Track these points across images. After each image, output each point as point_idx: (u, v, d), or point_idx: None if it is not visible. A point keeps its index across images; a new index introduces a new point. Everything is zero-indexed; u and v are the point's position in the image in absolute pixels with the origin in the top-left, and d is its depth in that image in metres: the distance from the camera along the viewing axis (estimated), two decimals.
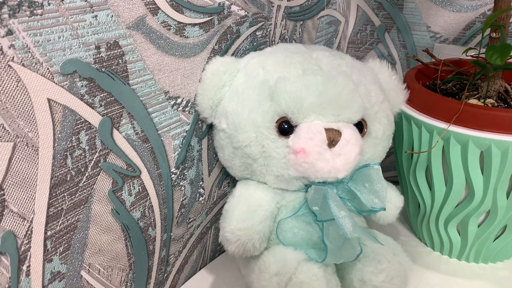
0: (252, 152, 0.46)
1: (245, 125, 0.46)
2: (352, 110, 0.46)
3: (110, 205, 0.42)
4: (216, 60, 0.49)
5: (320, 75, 0.46)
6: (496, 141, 0.46)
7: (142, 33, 0.41)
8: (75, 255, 0.40)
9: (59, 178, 0.37)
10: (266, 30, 0.58)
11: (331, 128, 0.44)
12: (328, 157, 0.44)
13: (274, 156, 0.46)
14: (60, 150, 0.36)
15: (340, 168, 0.45)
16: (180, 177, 0.50)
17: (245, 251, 0.46)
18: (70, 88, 0.36)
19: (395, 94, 0.53)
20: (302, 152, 0.44)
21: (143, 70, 0.42)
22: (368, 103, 0.48)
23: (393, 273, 0.45)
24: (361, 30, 0.82)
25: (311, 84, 0.45)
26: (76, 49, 0.36)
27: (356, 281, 0.45)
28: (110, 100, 0.39)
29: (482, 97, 0.52)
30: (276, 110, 0.45)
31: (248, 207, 0.47)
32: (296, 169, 0.46)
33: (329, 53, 0.50)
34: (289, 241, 0.47)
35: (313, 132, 0.44)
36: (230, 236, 0.46)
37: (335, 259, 0.44)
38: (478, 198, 0.50)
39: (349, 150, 0.45)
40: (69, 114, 0.36)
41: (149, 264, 0.48)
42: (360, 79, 0.48)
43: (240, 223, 0.46)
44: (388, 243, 0.48)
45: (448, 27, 0.74)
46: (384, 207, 0.47)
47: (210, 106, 0.49)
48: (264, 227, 0.46)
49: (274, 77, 0.46)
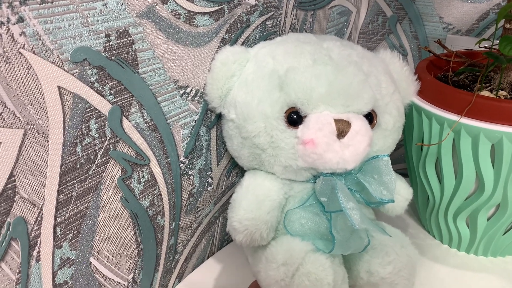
0: (261, 142, 0.46)
1: (254, 115, 0.46)
2: (362, 101, 0.45)
3: (119, 193, 0.42)
4: (225, 50, 0.48)
5: (330, 65, 0.46)
6: (508, 134, 0.45)
7: (152, 22, 0.41)
8: (84, 242, 0.40)
9: (69, 165, 0.37)
10: (276, 19, 0.58)
11: (340, 119, 0.44)
12: (337, 148, 0.44)
13: (282, 146, 0.46)
14: (70, 138, 0.36)
15: (349, 159, 0.44)
16: (189, 166, 0.50)
17: (253, 241, 0.46)
18: (80, 76, 0.36)
19: (406, 85, 0.52)
20: (311, 143, 0.44)
21: (152, 59, 0.42)
22: (378, 94, 0.47)
23: (401, 265, 0.45)
24: (372, 21, 0.81)
25: (321, 74, 0.45)
26: (86, 37, 0.36)
27: (363, 272, 0.45)
28: (120, 88, 0.40)
29: (495, 89, 0.52)
30: (285, 101, 0.45)
31: (256, 197, 0.47)
32: (304, 160, 0.45)
33: (340, 43, 0.49)
34: (297, 231, 0.47)
35: (322, 123, 0.44)
36: (238, 226, 0.46)
37: (342, 250, 0.44)
38: (488, 191, 0.49)
39: (358, 141, 0.44)
40: (79, 102, 0.36)
41: (157, 252, 0.49)
42: (370, 70, 0.48)
43: (248, 213, 0.46)
44: (396, 235, 0.48)
45: (461, 18, 0.73)
46: (393, 199, 0.46)
47: (219, 95, 0.48)
48: (271, 217, 0.46)
49: (284, 67, 0.46)
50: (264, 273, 0.45)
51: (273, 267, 0.44)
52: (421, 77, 0.54)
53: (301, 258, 0.43)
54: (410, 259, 0.46)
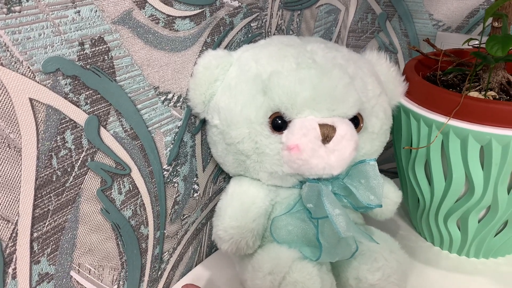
0: (245, 148, 0.45)
1: (238, 121, 0.45)
2: (348, 105, 0.44)
3: (99, 205, 0.41)
4: (208, 54, 0.47)
5: (315, 68, 0.45)
6: (497, 136, 0.45)
7: (129, 28, 0.40)
8: (64, 255, 0.39)
9: (44, 179, 0.36)
10: (261, 21, 0.57)
11: (325, 123, 0.43)
12: (323, 153, 0.43)
13: (267, 152, 0.45)
14: (45, 151, 0.35)
15: (335, 164, 0.44)
16: (173, 174, 0.49)
17: (238, 250, 0.45)
18: (53, 86, 0.35)
19: (393, 86, 0.51)
20: (296, 148, 0.43)
21: (130, 65, 0.41)
22: (364, 97, 0.46)
23: (390, 271, 0.44)
24: (361, 19, 0.80)
25: (305, 78, 0.44)
26: (58, 47, 0.34)
27: (352, 279, 0.44)
28: (96, 97, 0.38)
29: (484, 89, 0.51)
30: (269, 105, 0.44)
31: (241, 204, 0.46)
32: (290, 165, 0.44)
33: (324, 45, 0.48)
34: (284, 238, 0.46)
35: (307, 128, 0.43)
36: (223, 235, 0.45)
37: (330, 258, 0.43)
38: (478, 193, 0.48)
39: (344, 146, 0.43)
40: (53, 114, 0.35)
41: (142, 262, 0.48)
42: (356, 72, 0.47)
43: (233, 221, 0.45)
44: (385, 240, 0.47)
45: (451, 15, 0.72)
46: (381, 204, 0.46)
47: (202, 101, 0.47)
48: (257, 225, 0.46)
49: (267, 71, 0.45)
50: (250, 282, 0.44)
51: (260, 276, 0.43)
52: (409, 77, 0.53)
53: (287, 266, 0.42)
54: (400, 264, 0.45)
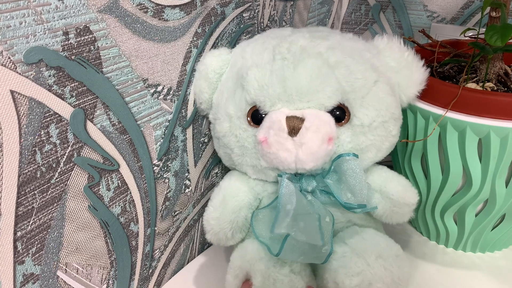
0: (228, 142, 0.46)
1: (221, 115, 0.46)
2: (325, 95, 0.42)
3: (86, 201, 0.39)
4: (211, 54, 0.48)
5: (288, 59, 0.43)
6: (495, 128, 0.44)
7: (116, 17, 0.38)
8: (50, 255, 0.37)
9: (27, 175, 0.34)
10: (253, 11, 0.55)
11: (293, 115, 0.42)
12: (290, 146, 0.41)
13: (246, 146, 0.45)
14: (28, 146, 0.34)
15: (304, 158, 0.41)
16: (164, 169, 0.47)
17: (219, 240, 0.46)
18: (36, 78, 0.33)
19: (408, 72, 0.46)
20: (265, 142, 0.42)
21: (118, 56, 0.39)
22: (349, 87, 0.42)
23: (371, 278, 0.39)
24: (355, 10, 0.79)
25: (277, 69, 0.43)
26: (41, 36, 0.33)
27: (331, 282, 0.41)
28: (82, 90, 0.37)
29: (481, 80, 0.50)
30: (246, 99, 0.44)
31: (223, 196, 0.47)
32: (264, 159, 0.44)
33: (309, 35, 0.45)
34: (261, 232, 0.44)
35: (272, 121, 0.42)
36: (206, 225, 0.47)
37: (293, 256, 0.40)
38: (476, 186, 0.47)
39: (310, 138, 0.41)
40: (36, 107, 0.33)
41: (132, 260, 0.46)
42: (341, 60, 0.43)
43: (213, 212, 0.46)
44: (375, 245, 0.42)
45: (446, 5, 0.71)
46: (364, 204, 0.42)
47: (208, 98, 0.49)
48: (236, 217, 0.46)
49: (248, 65, 0.45)
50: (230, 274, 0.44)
51: (231, 272, 0.43)
52: None
53: (252, 265, 0.42)
54: (390, 272, 0.40)
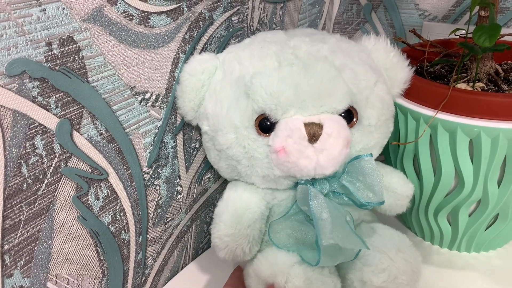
0: (234, 153, 0.44)
1: (224, 126, 0.43)
2: (336, 99, 0.42)
3: (75, 212, 0.39)
4: (193, 59, 0.46)
5: (297, 65, 0.43)
6: (486, 128, 0.43)
7: (100, 26, 0.38)
8: (39, 267, 0.37)
9: (13, 188, 0.34)
10: (242, 14, 0.55)
11: (311, 122, 0.41)
12: (311, 153, 0.41)
13: (256, 156, 0.43)
14: (13, 158, 0.33)
15: (325, 164, 0.41)
16: (154, 176, 0.47)
17: (235, 257, 0.44)
18: (19, 90, 0.33)
19: (393, 72, 0.47)
20: (282, 151, 0.41)
21: (103, 65, 0.39)
22: (356, 88, 0.43)
23: (396, 272, 0.41)
24: (347, 10, 0.78)
25: (287, 76, 0.42)
26: (23, 48, 0.32)
27: (357, 282, 0.42)
28: (68, 100, 0.36)
29: (472, 80, 0.50)
30: (253, 108, 0.42)
31: (235, 210, 0.44)
32: (280, 168, 0.43)
33: (309, 38, 0.46)
34: (283, 242, 0.44)
35: (291, 129, 0.41)
36: (219, 243, 0.44)
37: (330, 261, 0.41)
38: (468, 187, 0.47)
39: (331, 145, 0.41)
40: (20, 119, 0.33)
41: (124, 269, 0.46)
42: (345, 63, 0.44)
43: (227, 229, 0.43)
44: (392, 239, 0.44)
45: (437, 4, 0.70)
46: (382, 201, 0.43)
47: (192, 108, 0.46)
48: (252, 230, 0.44)
49: (250, 72, 0.43)
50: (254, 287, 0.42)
51: (260, 281, 0.42)
52: None
53: (286, 272, 0.40)
54: (409, 264, 0.42)
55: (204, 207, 0.57)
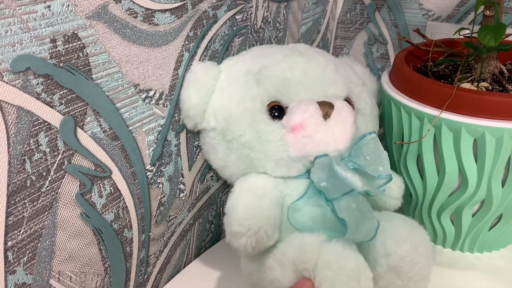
0: (248, 140, 0.46)
1: (236, 114, 0.46)
2: (338, 87, 0.47)
3: (78, 209, 0.39)
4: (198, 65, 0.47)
5: (301, 56, 0.48)
6: (490, 128, 0.43)
7: (105, 23, 0.38)
8: (42, 264, 0.37)
9: (17, 184, 0.34)
10: (246, 13, 0.55)
11: (323, 101, 0.45)
12: (326, 127, 0.44)
13: (270, 139, 0.45)
14: (17, 155, 0.33)
15: (339, 137, 0.45)
16: (157, 174, 0.47)
17: (258, 242, 0.42)
18: (23, 87, 0.33)
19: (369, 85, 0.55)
20: (300, 127, 0.44)
21: (108, 62, 0.39)
22: (350, 83, 0.50)
23: (417, 242, 0.42)
24: (350, 9, 0.78)
25: (295, 64, 0.47)
26: (27, 44, 0.32)
27: (381, 257, 0.41)
28: (72, 97, 0.36)
29: (476, 79, 0.49)
30: (265, 94, 0.46)
31: (252, 195, 0.44)
32: (295, 147, 0.44)
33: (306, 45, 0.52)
34: (304, 226, 0.43)
35: (306, 105, 0.44)
36: (239, 229, 0.42)
37: (355, 234, 0.40)
38: (472, 187, 0.47)
39: (344, 117, 0.45)
40: (24, 115, 0.33)
41: (127, 267, 0.46)
42: (338, 65, 0.50)
43: (248, 212, 0.42)
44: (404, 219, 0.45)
45: (441, 4, 0.70)
46: (390, 174, 0.46)
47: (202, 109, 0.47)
48: (273, 213, 0.43)
49: (257, 66, 0.47)
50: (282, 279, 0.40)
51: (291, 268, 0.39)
52: (400, 69, 0.51)
53: (316, 251, 0.39)
54: (424, 237, 0.43)
55: (207, 205, 0.57)
